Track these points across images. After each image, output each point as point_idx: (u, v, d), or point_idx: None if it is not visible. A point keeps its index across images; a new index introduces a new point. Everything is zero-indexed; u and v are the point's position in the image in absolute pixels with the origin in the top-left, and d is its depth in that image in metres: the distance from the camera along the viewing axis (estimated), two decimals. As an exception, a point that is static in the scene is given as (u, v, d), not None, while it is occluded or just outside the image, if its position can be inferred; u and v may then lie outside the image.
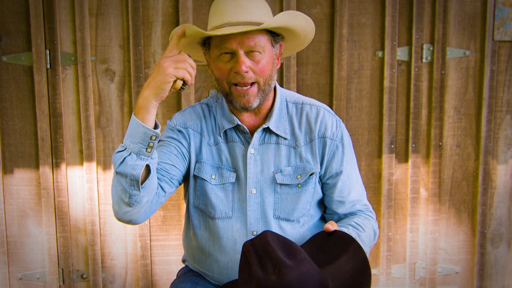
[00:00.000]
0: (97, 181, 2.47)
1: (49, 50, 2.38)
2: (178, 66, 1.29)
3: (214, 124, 1.54)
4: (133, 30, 2.37)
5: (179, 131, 1.52)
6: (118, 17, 2.40)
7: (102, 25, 2.40)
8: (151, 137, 1.30)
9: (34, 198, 2.49)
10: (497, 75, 2.50)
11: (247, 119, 1.51)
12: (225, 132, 1.52)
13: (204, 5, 2.39)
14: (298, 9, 2.38)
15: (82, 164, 2.46)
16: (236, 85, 1.41)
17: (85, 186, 2.46)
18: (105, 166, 2.47)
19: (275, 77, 1.48)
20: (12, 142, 2.45)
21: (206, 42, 1.45)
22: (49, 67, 2.39)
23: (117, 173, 1.33)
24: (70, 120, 2.45)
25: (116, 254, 2.54)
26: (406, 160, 2.55)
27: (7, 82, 2.41)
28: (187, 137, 1.52)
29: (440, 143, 2.52)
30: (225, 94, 1.45)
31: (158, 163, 1.45)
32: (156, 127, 1.35)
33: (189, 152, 1.52)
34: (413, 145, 2.52)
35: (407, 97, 2.51)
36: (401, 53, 2.47)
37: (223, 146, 1.52)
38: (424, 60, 2.47)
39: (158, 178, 1.44)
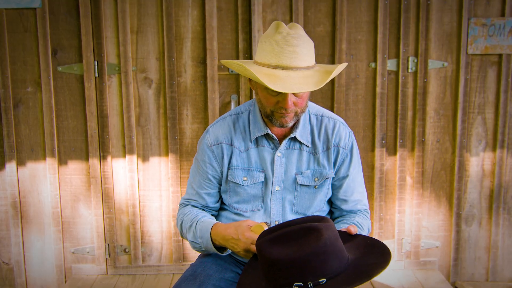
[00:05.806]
0: (137, 171, 2.64)
1: (97, 61, 2.54)
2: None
3: (245, 132, 1.58)
4: (167, 45, 2.53)
5: (212, 151, 1.59)
6: (155, 34, 2.55)
7: (141, 41, 2.55)
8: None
9: (84, 185, 2.65)
10: (470, 83, 2.60)
11: (276, 129, 1.57)
12: (256, 138, 1.58)
13: (226, 24, 2.54)
14: (305, 28, 2.51)
15: (124, 156, 2.63)
16: None
17: (127, 175, 2.63)
18: (144, 158, 2.64)
19: (308, 103, 1.54)
20: (66, 138, 2.62)
21: None
22: (97, 75, 2.55)
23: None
24: (115, 120, 2.61)
25: (153, 232, 2.70)
26: (394, 153, 2.65)
27: (62, 89, 2.58)
28: (220, 152, 1.58)
29: (423, 139, 2.62)
30: (267, 115, 1.49)
31: (207, 202, 1.64)
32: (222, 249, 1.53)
33: (221, 166, 1.59)
34: (401, 141, 2.62)
35: (396, 101, 2.61)
36: (391, 64, 2.57)
37: (253, 151, 1.58)
38: (409, 70, 2.56)
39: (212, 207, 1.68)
